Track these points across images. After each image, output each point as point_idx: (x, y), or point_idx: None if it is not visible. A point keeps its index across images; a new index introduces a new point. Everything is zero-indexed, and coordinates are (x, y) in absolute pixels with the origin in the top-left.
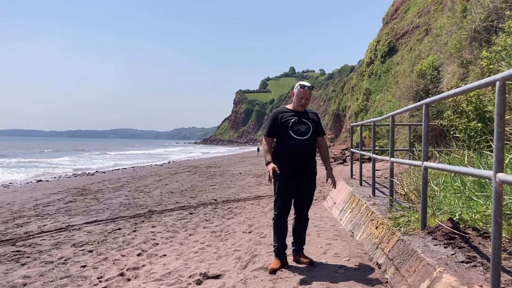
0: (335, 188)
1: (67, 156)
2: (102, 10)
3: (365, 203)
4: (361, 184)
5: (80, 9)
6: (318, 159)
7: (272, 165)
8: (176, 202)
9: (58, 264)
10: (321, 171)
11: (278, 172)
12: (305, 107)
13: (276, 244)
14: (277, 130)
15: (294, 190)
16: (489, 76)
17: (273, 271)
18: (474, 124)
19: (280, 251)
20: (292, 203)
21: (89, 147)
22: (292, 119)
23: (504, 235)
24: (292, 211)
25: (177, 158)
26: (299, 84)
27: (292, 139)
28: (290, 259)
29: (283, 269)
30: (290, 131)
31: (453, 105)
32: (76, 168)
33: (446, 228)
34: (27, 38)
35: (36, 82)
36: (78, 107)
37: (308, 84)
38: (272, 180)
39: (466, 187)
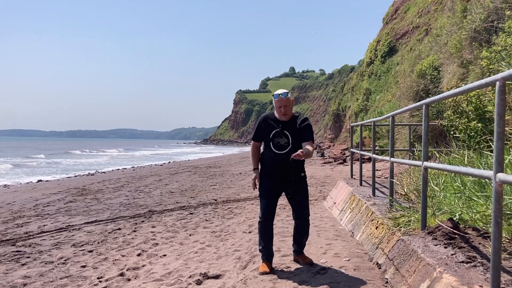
0: (295, 157)
1: (107, 157)
2: (102, 9)
3: (365, 203)
4: (361, 184)
5: (80, 9)
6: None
7: (256, 173)
8: (176, 202)
9: (58, 264)
10: (320, 171)
11: (258, 186)
12: (287, 115)
13: (262, 248)
14: (260, 136)
15: (277, 195)
16: (489, 76)
17: (264, 273)
18: (474, 124)
19: (266, 255)
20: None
21: (109, 147)
22: (273, 130)
23: (504, 235)
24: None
25: (192, 157)
26: (274, 94)
27: (271, 152)
28: (289, 259)
29: (283, 270)
30: (270, 143)
31: (453, 105)
32: (140, 166)
33: (446, 228)
34: (26, 38)
35: (36, 82)
36: (78, 107)
37: (283, 91)
38: (257, 187)
39: (466, 187)
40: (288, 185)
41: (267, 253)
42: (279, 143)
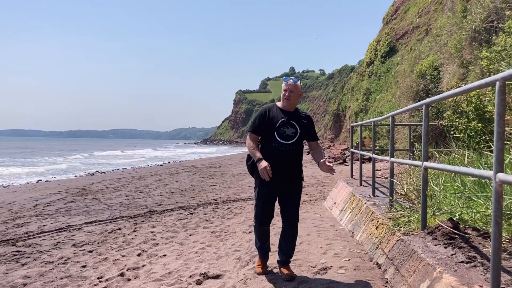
0: (332, 173)
1: (144, 157)
2: (102, 10)
3: (365, 203)
4: (361, 184)
5: (80, 9)
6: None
7: (265, 162)
8: (176, 202)
9: (58, 264)
10: (320, 171)
11: (271, 173)
12: (290, 101)
13: (258, 247)
14: (263, 128)
15: (276, 196)
16: (489, 76)
17: (260, 274)
18: (474, 124)
19: (262, 252)
20: (280, 212)
21: (134, 147)
22: (280, 119)
23: (504, 235)
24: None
25: (204, 156)
26: (284, 78)
27: (276, 142)
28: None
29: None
30: (275, 133)
31: (453, 105)
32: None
33: (446, 228)
34: (26, 38)
35: (36, 82)
36: (78, 107)
37: (294, 78)
38: (270, 176)
39: (466, 187)
40: (286, 185)
41: (263, 250)
42: (285, 133)
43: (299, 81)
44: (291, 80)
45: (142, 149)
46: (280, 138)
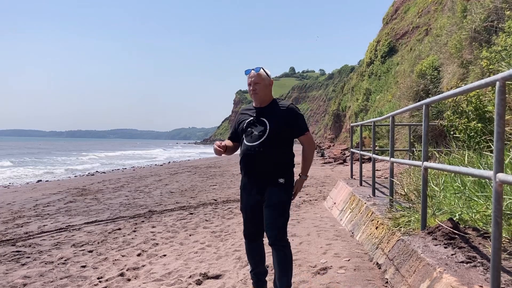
0: (292, 199)
1: (163, 156)
2: (101, 10)
3: (365, 203)
4: (361, 184)
5: (80, 8)
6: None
7: (218, 142)
8: (176, 202)
9: (58, 264)
10: (320, 171)
11: (220, 147)
12: (259, 95)
13: (250, 272)
14: (236, 133)
15: (257, 208)
16: (489, 76)
17: None
18: (474, 124)
19: (257, 279)
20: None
21: (128, 148)
22: (248, 118)
23: (504, 235)
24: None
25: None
26: (245, 71)
27: (243, 145)
28: None
29: None
30: (244, 135)
31: (453, 105)
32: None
33: (446, 228)
34: (26, 38)
35: (36, 82)
36: (78, 107)
37: (256, 67)
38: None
39: (466, 187)
40: (262, 194)
41: (258, 276)
42: (252, 133)
43: (261, 69)
44: (252, 70)
45: (153, 149)
46: (247, 141)
